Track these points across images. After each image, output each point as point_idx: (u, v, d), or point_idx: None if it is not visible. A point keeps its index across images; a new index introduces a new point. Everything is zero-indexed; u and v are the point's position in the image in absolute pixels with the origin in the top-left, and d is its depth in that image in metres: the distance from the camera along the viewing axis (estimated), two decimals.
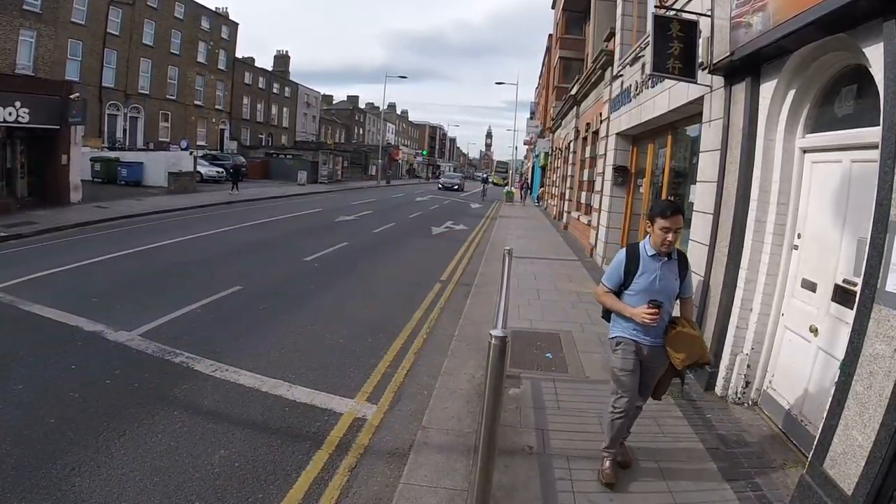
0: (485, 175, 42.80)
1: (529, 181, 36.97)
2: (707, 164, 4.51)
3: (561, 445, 3.08)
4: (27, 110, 11.97)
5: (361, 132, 61.62)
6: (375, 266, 8.65)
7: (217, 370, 4.09)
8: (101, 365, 4.07)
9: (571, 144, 15.77)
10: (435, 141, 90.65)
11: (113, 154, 21.84)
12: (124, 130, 27.99)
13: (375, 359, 4.57)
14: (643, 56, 6.57)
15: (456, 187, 36.23)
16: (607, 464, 2.73)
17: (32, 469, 2.73)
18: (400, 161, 58.43)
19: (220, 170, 26.00)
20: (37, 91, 12.87)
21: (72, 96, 13.29)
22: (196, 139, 31.99)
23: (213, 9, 34.68)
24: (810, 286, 3.23)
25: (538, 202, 27.27)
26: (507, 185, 49.80)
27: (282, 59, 47.08)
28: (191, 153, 20.69)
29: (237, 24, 37.19)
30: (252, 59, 41.19)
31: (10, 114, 11.63)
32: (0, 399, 3.42)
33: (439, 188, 36.40)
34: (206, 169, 23.68)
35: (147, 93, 29.27)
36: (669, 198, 6.59)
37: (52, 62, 22.81)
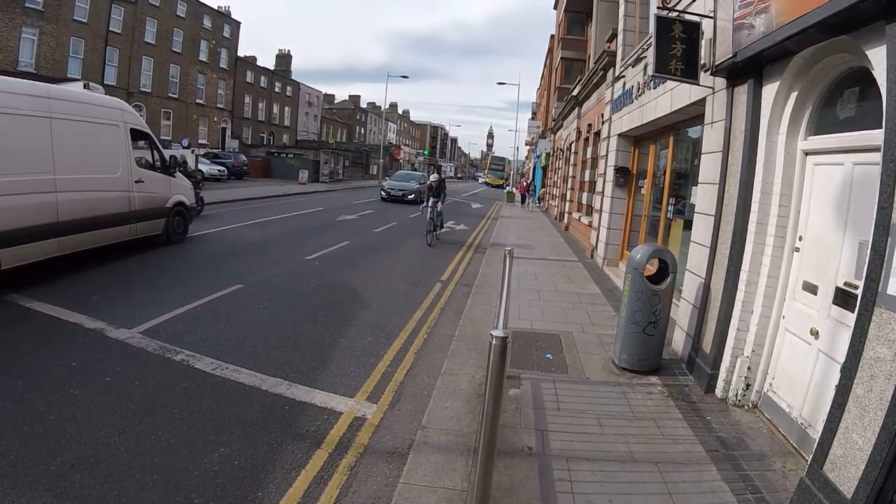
0: (429, 180, 12.72)
1: (532, 182, 31.03)
2: (708, 166, 4.51)
3: (561, 446, 3.08)
4: None
5: (363, 132, 61.66)
6: (376, 265, 8.66)
7: (217, 368, 4.10)
8: (101, 362, 4.07)
9: (573, 145, 15.77)
10: (436, 141, 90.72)
11: None
12: None
13: (375, 358, 4.57)
14: (645, 57, 6.58)
15: (410, 197, 21.40)
16: None
17: (32, 465, 2.73)
18: (401, 160, 58.46)
19: (222, 168, 26.04)
20: None
21: None
22: (197, 137, 32.01)
23: (216, 7, 34.70)
24: (811, 289, 3.22)
25: (539, 203, 26.94)
26: (503, 183, 46.00)
27: (283, 59, 47.10)
28: (192, 151, 20.70)
29: (239, 23, 37.18)
30: (254, 58, 41.21)
31: None
32: (0, 396, 3.43)
33: (382, 198, 21.97)
34: (207, 167, 23.74)
35: (148, 91, 29.28)
36: (670, 199, 6.61)
37: (54, 60, 22.83)
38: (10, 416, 3.18)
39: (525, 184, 28.99)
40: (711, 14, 4.27)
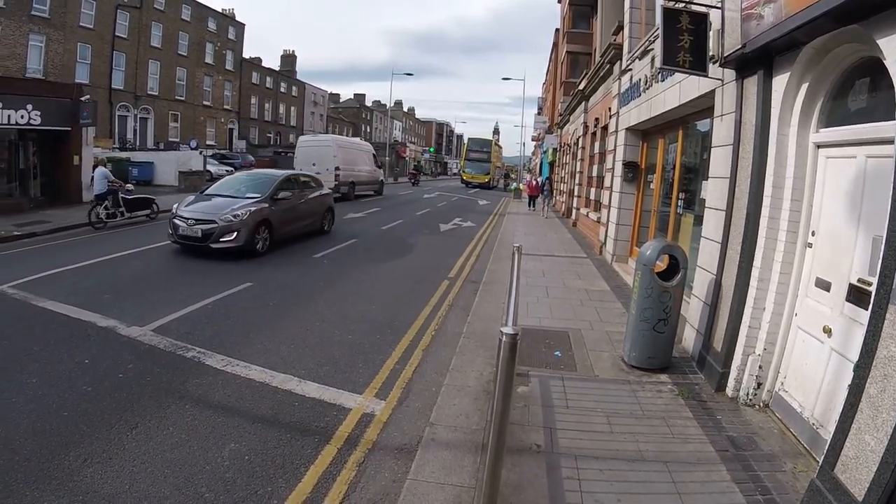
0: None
1: (541, 179, 22.60)
2: (719, 160, 4.45)
3: (569, 444, 3.07)
4: (38, 113, 12.16)
5: (368, 130, 61.69)
6: (383, 263, 8.67)
7: (228, 365, 4.14)
8: (113, 360, 4.13)
9: (580, 140, 15.66)
10: (442, 138, 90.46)
11: (123, 154, 22.10)
12: (134, 131, 28.29)
13: (384, 355, 4.59)
14: (652, 49, 6.50)
15: (226, 239, 7.74)
16: None
17: (46, 460, 2.78)
18: (407, 158, 58.41)
19: (230, 168, 26.21)
20: (47, 94, 13.05)
21: (82, 98, 13.46)
22: (205, 139, 32.26)
23: (220, 10, 34.89)
24: (824, 285, 3.17)
25: (546, 200, 25.76)
26: (489, 180, 38.19)
27: (288, 59, 47.25)
28: (200, 152, 20.90)
29: (244, 25, 37.36)
30: (259, 59, 41.38)
31: (21, 116, 11.83)
32: (15, 393, 3.49)
33: (169, 235, 8.31)
34: (215, 168, 23.93)
35: (156, 94, 29.53)
36: (680, 194, 6.53)
37: (62, 65, 23.09)
38: (24, 413, 3.24)
39: (535, 182, 21.55)
40: (719, 4, 4.20)
